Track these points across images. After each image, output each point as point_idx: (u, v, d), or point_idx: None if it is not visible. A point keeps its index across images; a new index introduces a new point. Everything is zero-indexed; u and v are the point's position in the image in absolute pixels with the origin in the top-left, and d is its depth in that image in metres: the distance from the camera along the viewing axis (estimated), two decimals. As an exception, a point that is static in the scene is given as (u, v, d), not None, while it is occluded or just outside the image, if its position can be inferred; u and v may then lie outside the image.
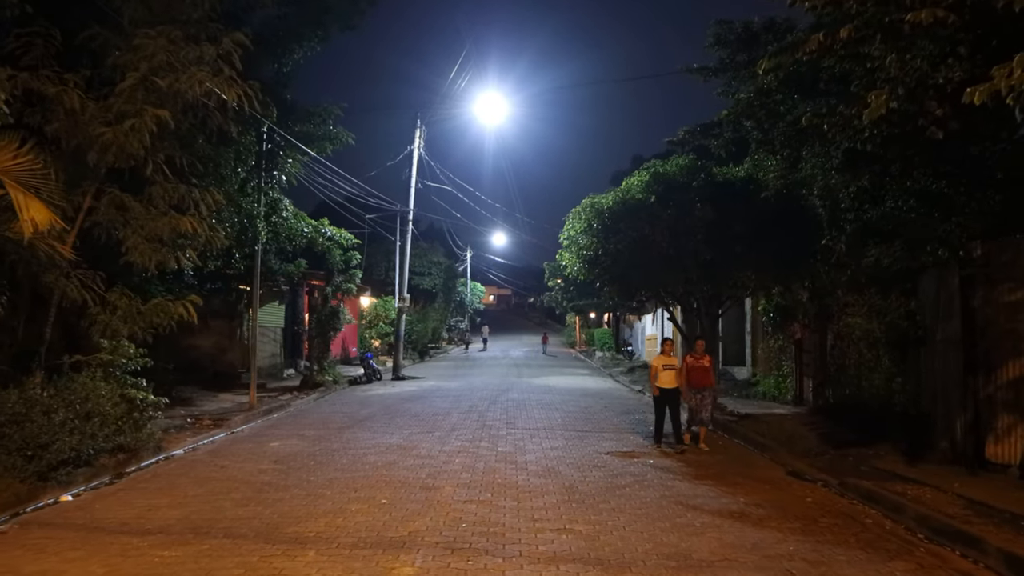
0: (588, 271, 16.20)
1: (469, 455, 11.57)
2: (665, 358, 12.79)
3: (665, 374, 12.62)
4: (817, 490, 9.55)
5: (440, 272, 54.38)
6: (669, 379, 12.60)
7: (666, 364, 12.71)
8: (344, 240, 22.42)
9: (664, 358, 12.79)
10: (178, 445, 12.33)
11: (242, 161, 16.50)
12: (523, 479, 9.83)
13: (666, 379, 12.62)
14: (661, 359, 12.79)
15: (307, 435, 13.74)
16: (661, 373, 12.62)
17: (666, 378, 12.62)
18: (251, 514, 7.99)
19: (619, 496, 8.94)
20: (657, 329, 35.43)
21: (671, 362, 12.78)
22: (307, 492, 9.03)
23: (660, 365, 12.70)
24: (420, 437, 13.39)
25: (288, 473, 10.24)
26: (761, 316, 19.92)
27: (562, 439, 13.31)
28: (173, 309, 10.02)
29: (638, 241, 14.69)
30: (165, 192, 9.47)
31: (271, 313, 25.48)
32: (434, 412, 17.21)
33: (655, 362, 12.84)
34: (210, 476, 10.08)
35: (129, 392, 11.22)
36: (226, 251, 17.64)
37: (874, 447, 11.53)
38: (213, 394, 19.14)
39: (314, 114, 19.32)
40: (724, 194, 14.85)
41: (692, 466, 11.04)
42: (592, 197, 16.25)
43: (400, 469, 10.43)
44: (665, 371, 12.63)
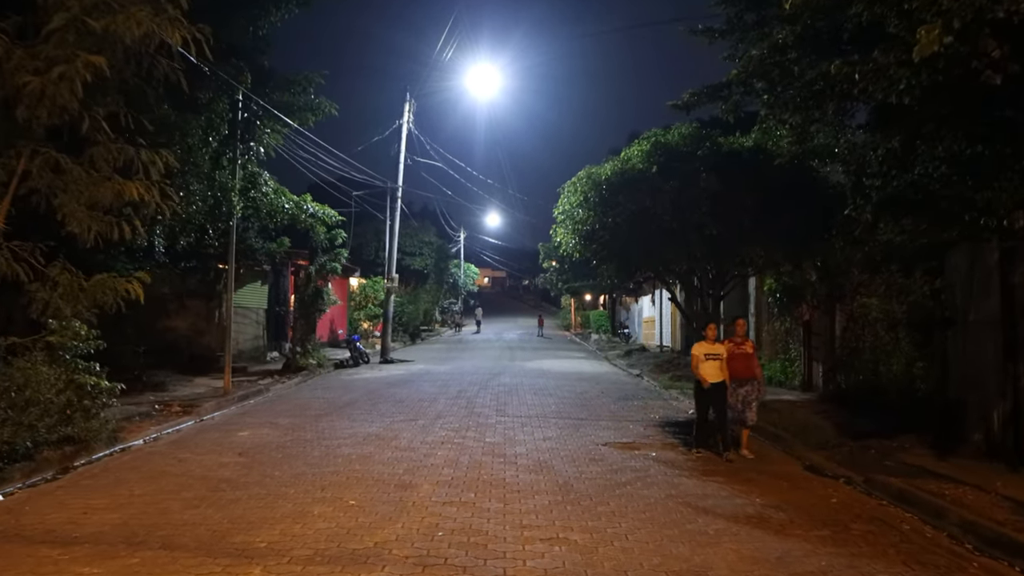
0: (584, 247, 15.13)
1: (453, 447, 10.55)
2: (708, 345, 10.55)
3: (708, 365, 10.38)
4: (841, 488, 8.55)
5: (432, 252, 53.30)
6: (713, 371, 10.35)
7: (709, 353, 10.45)
8: (328, 217, 21.28)
9: (707, 345, 10.56)
10: (138, 435, 11.31)
11: (214, 129, 15.36)
12: (512, 475, 8.81)
13: (710, 371, 10.37)
14: (703, 346, 10.57)
15: (280, 423, 12.71)
16: (704, 364, 10.39)
17: (710, 370, 10.36)
18: (199, 518, 6.96)
19: (619, 496, 7.93)
20: (655, 311, 34.47)
21: (715, 350, 10.49)
22: (268, 491, 8.00)
23: (702, 354, 10.47)
24: (402, 426, 12.36)
25: (251, 468, 9.21)
26: (766, 297, 18.90)
27: (556, 428, 12.30)
28: (119, 286, 8.92)
29: (638, 214, 13.65)
30: (109, 153, 8.35)
31: (253, 294, 24.40)
32: (420, 398, 16.18)
33: (697, 350, 10.61)
34: (164, 471, 9.05)
35: (79, 378, 10.16)
36: (199, 227, 16.59)
37: (896, 438, 10.53)
38: (188, 378, 18.10)
39: (294, 82, 18.16)
40: (730, 165, 13.80)
41: (699, 459, 10.03)
42: (589, 168, 15.18)
43: (375, 463, 9.40)
44: (708, 361, 10.38)
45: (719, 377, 10.30)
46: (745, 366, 10.52)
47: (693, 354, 10.62)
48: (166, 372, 18.14)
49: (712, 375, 10.32)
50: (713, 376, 10.31)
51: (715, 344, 10.58)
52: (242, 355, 22.83)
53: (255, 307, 24.47)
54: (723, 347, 10.45)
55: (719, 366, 10.35)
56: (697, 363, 10.46)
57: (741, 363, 10.51)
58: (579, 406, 15.18)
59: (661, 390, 18.34)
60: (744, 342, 10.75)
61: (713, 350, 10.46)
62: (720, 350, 10.42)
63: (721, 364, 10.36)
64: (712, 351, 10.45)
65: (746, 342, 10.79)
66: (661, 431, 12.29)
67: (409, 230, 51.35)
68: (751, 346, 10.81)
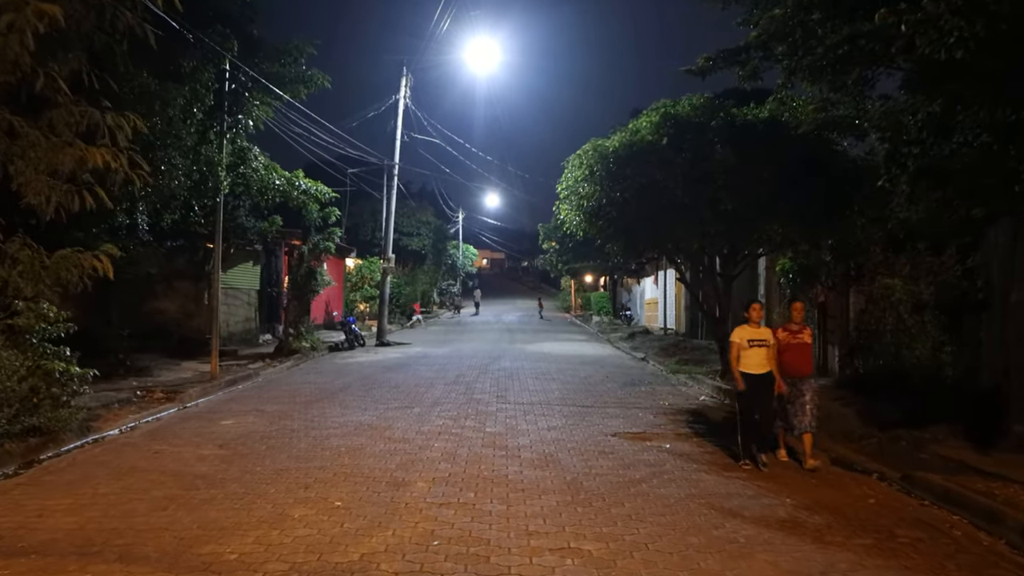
0: (590, 224, 14.28)
1: (451, 437, 9.79)
2: (751, 329, 8.68)
3: (752, 353, 8.56)
4: (875, 485, 7.81)
5: (430, 233, 52.44)
6: (758, 360, 8.53)
7: (754, 339, 8.59)
8: (321, 194, 20.40)
9: (750, 329, 8.68)
10: (115, 423, 10.57)
11: (199, 100, 14.48)
12: (515, 471, 8.05)
13: (754, 361, 8.54)
14: (746, 331, 8.68)
15: (267, 411, 11.95)
16: (747, 352, 8.58)
17: (754, 359, 8.55)
18: (166, 522, 6.20)
19: (635, 495, 7.17)
20: (658, 292, 33.69)
21: (761, 335, 8.64)
22: (246, 489, 7.23)
23: (745, 340, 8.60)
24: (397, 414, 11.60)
25: (231, 461, 8.44)
26: (778, 278, 18.12)
27: (561, 416, 11.54)
28: (85, 262, 8.12)
29: (647, 188, 12.80)
30: (70, 116, 7.52)
31: (245, 274, 23.60)
32: (416, 383, 15.42)
33: (737, 336, 8.71)
34: (136, 466, 8.29)
35: (47, 363, 9.39)
36: (184, 203, 15.77)
37: (927, 428, 9.77)
38: (176, 362, 17.34)
39: (284, 52, 17.24)
40: (745, 137, 12.94)
41: (716, 452, 9.27)
42: (595, 140, 14.31)
43: (366, 457, 8.64)
44: (753, 348, 8.56)
45: (765, 367, 8.50)
46: (803, 360, 8.72)
47: (732, 341, 8.75)
48: (153, 356, 17.40)
49: (756, 365, 8.53)
50: (758, 366, 8.53)
51: (760, 328, 8.73)
52: (233, 338, 22.06)
53: (247, 288, 23.66)
54: (769, 333, 8.70)
55: (765, 354, 8.54)
56: (737, 351, 8.63)
57: (798, 356, 8.69)
58: (584, 392, 14.42)
59: (668, 375, 17.61)
60: (802, 330, 8.82)
61: (758, 335, 8.62)
62: (766, 336, 8.62)
63: (768, 352, 8.54)
64: (757, 336, 8.61)
65: (804, 330, 8.85)
66: (672, 420, 11.53)
67: (407, 210, 50.47)
68: (809, 334, 8.91)
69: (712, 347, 21.33)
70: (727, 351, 15.65)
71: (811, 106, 11.34)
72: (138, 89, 12.70)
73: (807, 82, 11.79)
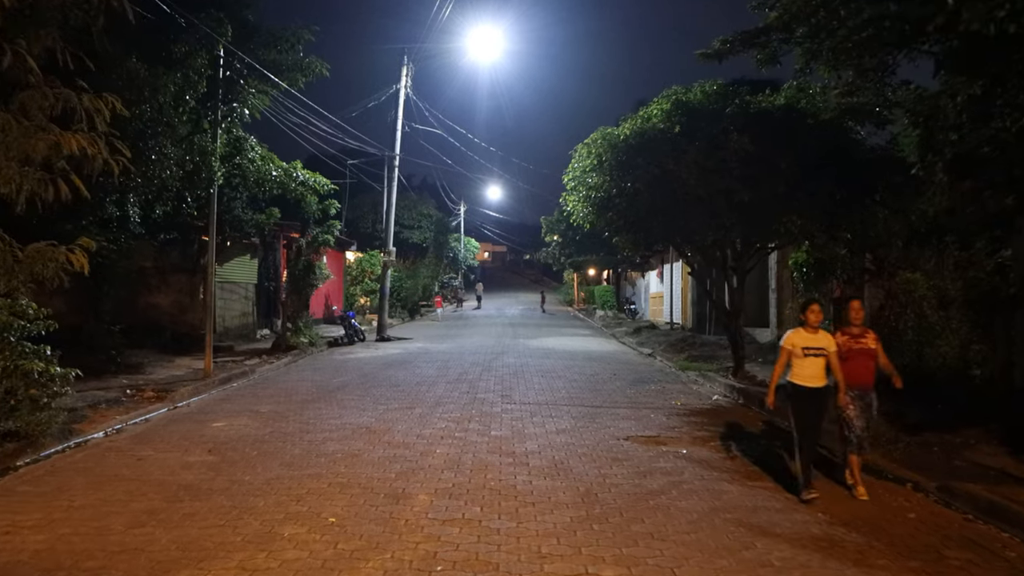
0: (598, 216, 13.69)
1: (455, 442, 9.23)
2: (808, 334, 7.33)
3: (808, 364, 7.23)
4: (912, 496, 7.25)
5: (431, 225, 51.81)
6: (814, 372, 7.22)
7: (810, 346, 7.24)
8: (319, 186, 19.83)
9: (806, 334, 7.34)
10: (100, 425, 10.03)
11: (191, 87, 13.89)
12: (524, 480, 7.50)
13: (810, 371, 7.22)
14: (801, 336, 7.34)
15: (262, 411, 11.41)
16: (801, 362, 7.25)
17: (811, 369, 7.22)
18: (143, 541, 5.65)
19: (654, 509, 6.61)
20: (664, 286, 33.10)
21: (819, 342, 7.26)
22: (233, 503, 6.68)
23: (800, 347, 7.26)
24: (397, 415, 11.05)
25: (220, 469, 7.90)
26: (790, 272, 17.55)
27: (569, 418, 10.98)
28: (60, 256, 7.57)
29: (659, 179, 12.21)
30: (44, 99, 6.97)
31: (242, 268, 23.03)
32: (418, 381, 14.86)
33: (790, 342, 7.38)
34: (118, 474, 7.75)
35: (25, 363, 8.82)
36: (177, 194, 15.21)
37: (959, 432, 9.22)
38: (169, 359, 16.81)
39: (281, 38, 16.64)
40: (761, 125, 12.35)
41: (737, 458, 8.72)
42: (604, 129, 13.71)
43: (364, 464, 8.08)
44: (810, 358, 7.22)
45: (822, 380, 7.25)
46: (867, 369, 7.40)
47: (784, 348, 7.43)
48: (145, 352, 16.89)
49: (812, 376, 7.23)
50: (814, 379, 7.23)
51: (819, 334, 7.33)
52: (229, 333, 21.51)
53: (244, 282, 23.10)
54: (829, 340, 7.32)
55: (823, 365, 7.25)
56: (787, 358, 7.39)
57: (862, 364, 7.38)
58: (592, 391, 13.86)
59: (677, 372, 17.06)
60: (864, 333, 7.51)
61: (816, 341, 7.26)
62: (826, 343, 7.27)
63: (826, 362, 7.27)
64: (814, 343, 7.24)
65: (866, 333, 7.53)
66: (687, 422, 10.97)
67: (408, 202, 49.89)
68: (873, 338, 7.52)
69: (722, 343, 20.78)
70: (741, 348, 15.24)
71: (836, 91, 10.74)
72: (126, 74, 12.15)
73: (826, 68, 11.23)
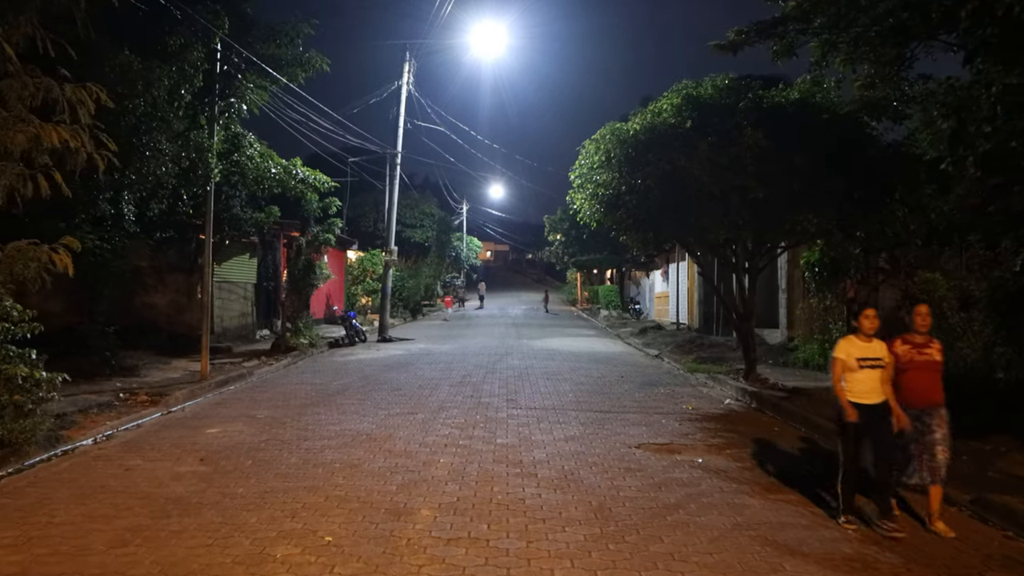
0: (607, 215, 13.25)
1: (459, 451, 8.81)
2: (862, 344, 6.45)
3: (863, 377, 6.36)
4: (945, 511, 6.79)
5: (433, 225, 51.40)
6: (871, 386, 6.35)
7: (866, 357, 6.37)
8: (320, 183, 19.41)
9: (860, 344, 6.45)
10: (90, 432, 9.61)
11: (187, 81, 13.48)
12: (532, 493, 7.07)
13: (865, 386, 6.35)
14: (855, 345, 6.46)
15: (258, 417, 10.99)
16: (855, 375, 6.37)
17: (865, 384, 6.35)
18: (124, 564, 5.24)
19: (673, 526, 6.18)
20: (669, 286, 32.67)
21: (874, 352, 6.40)
22: (224, 518, 6.26)
23: (854, 359, 6.38)
24: (398, 421, 10.63)
25: (212, 480, 7.48)
26: (802, 271, 17.14)
27: (577, 424, 10.56)
28: (42, 255, 7.17)
29: (670, 175, 11.77)
30: (23, 89, 6.58)
31: (241, 267, 22.62)
32: (420, 384, 14.44)
33: (843, 352, 6.48)
34: (104, 485, 7.34)
35: (8, 368, 8.41)
36: (172, 191, 14.80)
37: (987, 439, 8.83)
38: (165, 361, 16.39)
39: (280, 32, 16.22)
40: (776, 120, 11.92)
41: (756, 468, 8.29)
42: (613, 124, 13.27)
43: (364, 475, 7.66)
44: (865, 370, 6.35)
45: (878, 396, 6.34)
46: (932, 383, 6.43)
47: (836, 358, 6.52)
48: (141, 354, 16.47)
49: (868, 391, 6.34)
50: (870, 393, 6.34)
51: (873, 342, 6.44)
52: (227, 334, 21.10)
53: (243, 282, 22.69)
54: (885, 349, 6.43)
55: (880, 378, 6.36)
56: (843, 371, 6.44)
57: (925, 378, 6.42)
58: (599, 394, 13.44)
59: (686, 374, 16.63)
60: (928, 343, 6.53)
61: (871, 351, 6.39)
62: (881, 353, 6.40)
63: (883, 375, 6.38)
64: (869, 353, 6.38)
65: (931, 343, 6.55)
66: (700, 428, 10.54)
67: (410, 201, 49.53)
68: (940, 349, 6.57)
69: (730, 344, 20.37)
70: (753, 350, 14.79)
71: (858, 82, 10.32)
72: (119, 67, 11.75)
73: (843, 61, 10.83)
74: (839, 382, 6.48)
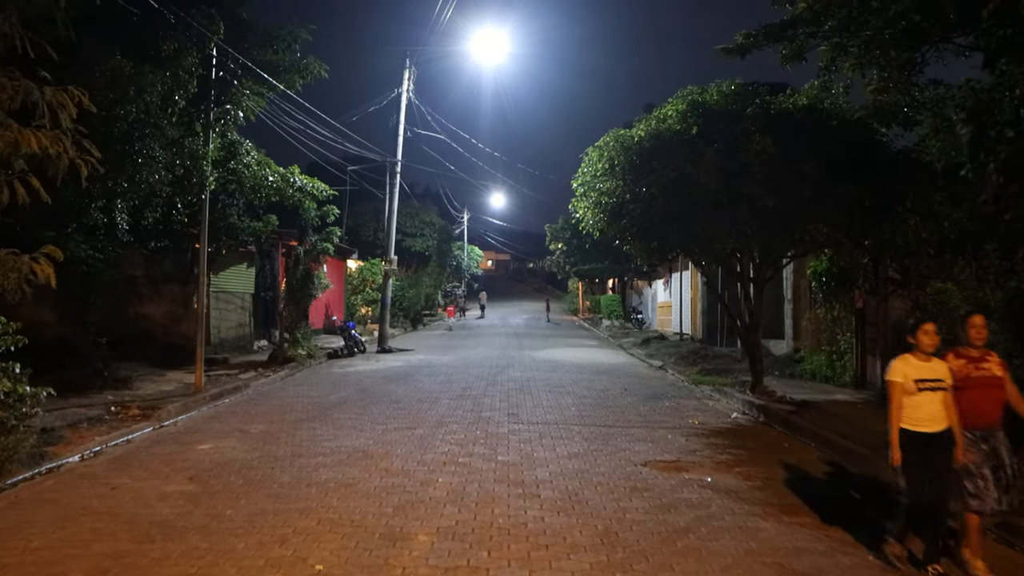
0: (610, 224, 12.93)
1: (458, 469, 8.47)
2: (921, 363, 5.63)
3: (924, 401, 5.54)
4: (970, 536, 6.46)
5: (434, 234, 51.11)
6: (933, 411, 5.54)
7: (926, 378, 5.56)
8: (318, 191, 19.11)
9: (918, 363, 5.63)
10: (78, 448, 9.28)
11: (181, 87, 13.20)
12: (535, 516, 6.73)
13: (926, 411, 5.54)
14: (913, 365, 5.63)
15: (252, 432, 10.67)
16: (914, 399, 5.56)
17: (927, 409, 5.54)
18: (101, 595, 4.91)
19: (683, 553, 5.84)
20: (672, 296, 32.35)
21: (936, 372, 5.60)
22: (209, 544, 5.93)
23: (912, 379, 5.56)
24: (396, 436, 10.30)
25: (199, 501, 7.15)
26: (808, 281, 16.81)
27: (581, 440, 10.22)
28: (23, 266, 6.85)
29: (676, 183, 11.46)
30: (2, 92, 6.29)
31: (238, 277, 22.31)
32: (419, 397, 14.10)
33: (900, 374, 5.62)
34: (87, 506, 7.01)
35: (-10, 383, 8.11)
36: (167, 200, 14.49)
37: (1010, 456, 8.43)
38: (160, 373, 16.05)
39: (276, 38, 15.95)
40: (785, 126, 11.62)
41: (767, 487, 7.94)
42: (617, 130, 12.98)
43: (358, 496, 7.33)
44: (925, 393, 5.54)
45: (942, 422, 5.53)
46: (992, 402, 5.69)
47: (892, 381, 5.67)
48: (135, 365, 16.14)
49: (930, 418, 5.53)
50: (932, 420, 5.53)
51: (933, 362, 5.63)
52: (224, 345, 20.77)
53: (240, 292, 22.36)
54: (946, 368, 5.62)
55: (943, 401, 5.55)
56: (901, 395, 5.60)
57: (986, 396, 5.68)
58: (603, 408, 13.10)
59: (691, 386, 16.30)
60: (986, 356, 5.79)
61: (932, 371, 5.58)
62: (942, 373, 5.58)
63: (946, 398, 5.56)
64: (930, 374, 5.57)
65: (988, 356, 5.80)
66: (707, 443, 10.20)
67: (410, 210, 49.30)
68: (1000, 364, 5.81)
69: (735, 355, 20.05)
70: (760, 361, 14.45)
71: (871, 86, 10.03)
72: (109, 72, 11.48)
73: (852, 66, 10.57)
74: (899, 410, 5.58)
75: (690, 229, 12.14)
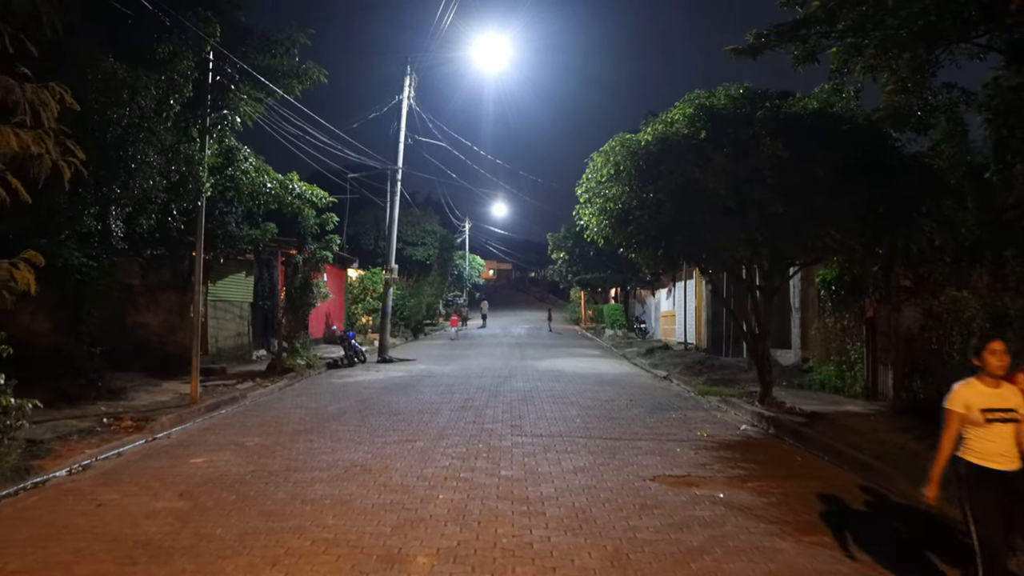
0: (616, 231, 12.60)
1: (460, 484, 8.13)
2: (988, 389, 4.82)
3: (995, 434, 4.75)
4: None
5: (435, 243, 50.80)
6: (1004, 445, 4.75)
7: (995, 408, 4.76)
8: (317, 198, 18.84)
9: (985, 389, 4.83)
10: (66, 462, 8.98)
11: (176, 91, 12.92)
12: (540, 536, 6.38)
13: (996, 445, 4.75)
14: (977, 392, 4.83)
15: (247, 445, 10.33)
16: (982, 431, 4.77)
17: (998, 443, 4.75)
18: (77, 624, 4.58)
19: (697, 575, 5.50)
20: (676, 305, 32.01)
21: (1007, 400, 4.80)
22: (197, 566, 5.60)
23: (978, 407, 4.77)
24: (396, 450, 9.97)
25: (188, 519, 6.82)
26: (817, 290, 16.47)
27: (587, 453, 9.87)
28: (1, 272, 6.55)
29: (683, 188, 11.15)
30: (-23, 89, 6.00)
31: (236, 286, 21.98)
32: (420, 409, 13.76)
33: (960, 403, 4.81)
34: (70, 524, 6.68)
35: (-27, 395, 7.80)
36: (161, 206, 14.19)
37: None
38: (156, 383, 15.73)
39: (275, 42, 15.66)
40: (796, 130, 11.31)
41: (783, 504, 7.60)
42: (622, 135, 12.66)
43: (355, 514, 6.99)
44: (995, 424, 4.74)
45: (1014, 460, 4.74)
46: None
47: (953, 412, 4.81)
48: (131, 375, 15.80)
49: (1000, 455, 4.74)
50: (1002, 457, 4.74)
51: (1001, 386, 4.84)
52: (222, 354, 20.43)
53: (238, 301, 22.03)
54: (1018, 395, 4.81)
55: (1015, 435, 4.76)
56: (959, 426, 4.83)
57: None
58: (608, 419, 12.75)
59: (697, 397, 15.94)
60: None
61: (1001, 400, 4.79)
62: (1015, 401, 4.77)
63: (1019, 429, 4.75)
64: (1000, 403, 4.78)
65: None
66: (716, 457, 9.85)
67: (411, 218, 49.03)
68: None
69: (741, 365, 19.71)
70: (769, 372, 14.10)
71: (888, 87, 9.72)
72: (102, 74, 11.19)
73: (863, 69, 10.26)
74: (951, 441, 4.84)
75: (698, 235, 11.81)
